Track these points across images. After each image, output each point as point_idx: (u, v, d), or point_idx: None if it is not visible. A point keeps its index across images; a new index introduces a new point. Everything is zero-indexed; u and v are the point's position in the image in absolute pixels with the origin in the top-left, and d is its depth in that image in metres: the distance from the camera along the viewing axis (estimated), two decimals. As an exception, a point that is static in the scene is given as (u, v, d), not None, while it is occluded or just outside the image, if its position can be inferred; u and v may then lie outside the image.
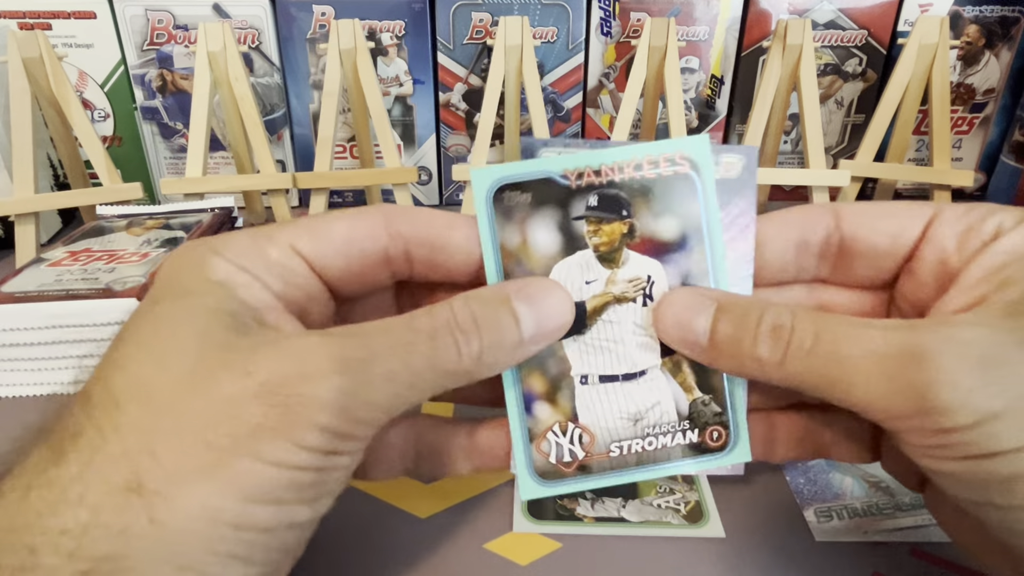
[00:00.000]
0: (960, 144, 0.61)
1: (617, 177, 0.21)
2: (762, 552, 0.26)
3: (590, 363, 0.22)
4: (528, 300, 0.20)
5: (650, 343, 0.22)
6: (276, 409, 0.17)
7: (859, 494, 0.29)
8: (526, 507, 0.28)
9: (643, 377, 0.22)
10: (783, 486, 0.29)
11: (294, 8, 0.55)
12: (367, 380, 0.18)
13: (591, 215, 0.21)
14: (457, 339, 0.19)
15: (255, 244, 0.20)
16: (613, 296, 0.22)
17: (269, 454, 0.17)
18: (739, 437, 0.23)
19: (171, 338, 0.18)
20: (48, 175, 0.54)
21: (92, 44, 0.55)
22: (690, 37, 0.57)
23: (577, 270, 0.22)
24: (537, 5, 0.55)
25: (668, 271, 0.22)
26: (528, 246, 0.21)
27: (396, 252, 0.21)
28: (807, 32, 0.50)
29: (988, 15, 0.56)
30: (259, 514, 0.17)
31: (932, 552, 0.26)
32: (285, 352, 0.18)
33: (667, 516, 0.28)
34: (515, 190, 0.21)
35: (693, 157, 0.21)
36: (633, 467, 0.23)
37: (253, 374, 0.17)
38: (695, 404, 0.22)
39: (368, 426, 0.18)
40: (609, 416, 0.22)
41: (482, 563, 0.26)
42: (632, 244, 0.22)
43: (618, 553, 0.26)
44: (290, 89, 0.58)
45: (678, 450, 0.23)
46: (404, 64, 0.57)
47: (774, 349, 0.19)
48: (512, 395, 0.22)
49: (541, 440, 0.22)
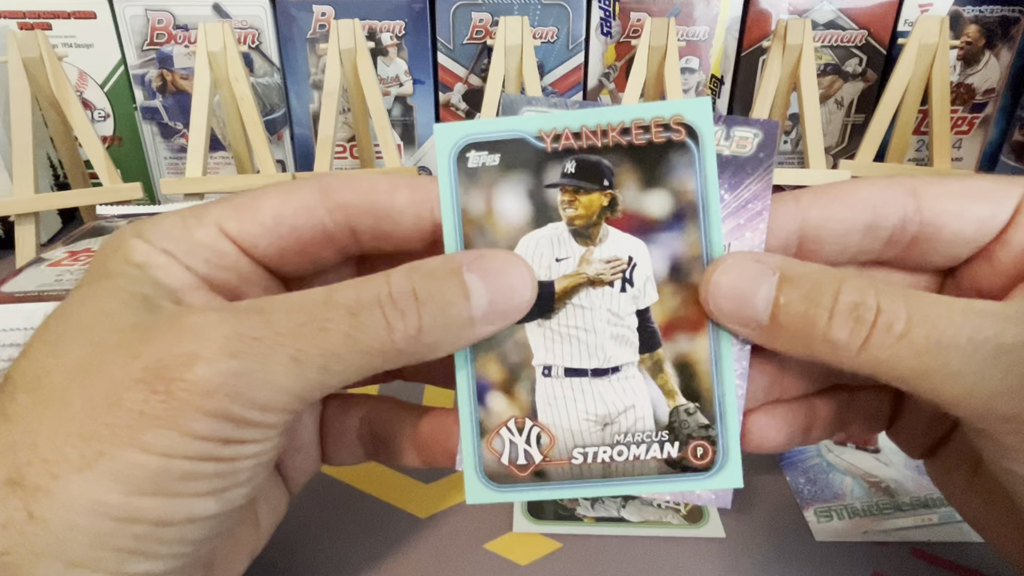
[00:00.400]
0: (960, 144, 0.61)
1: (600, 142, 0.19)
2: (762, 552, 0.26)
3: (555, 353, 0.19)
4: (483, 273, 0.18)
5: (627, 335, 0.19)
6: (159, 395, 0.15)
7: (859, 494, 0.29)
8: (526, 507, 0.28)
9: (616, 374, 0.19)
10: (783, 486, 0.29)
11: (294, 8, 0.55)
12: (267, 362, 0.16)
13: (567, 183, 0.19)
14: (387, 315, 0.17)
15: (182, 225, 0.19)
16: (587, 277, 0.19)
17: (154, 444, 0.15)
18: (729, 457, 0.19)
19: (74, 323, 0.17)
20: (48, 175, 0.54)
21: (92, 44, 0.55)
22: (690, 37, 0.57)
23: (547, 245, 0.19)
24: (537, 5, 0.55)
25: (653, 253, 0.19)
26: (494, 214, 0.19)
27: (337, 226, 0.20)
28: (807, 32, 0.50)
29: (988, 15, 0.56)
30: (150, 507, 0.16)
31: (932, 552, 0.26)
32: (177, 331, 0.16)
33: (667, 516, 0.28)
34: (483, 150, 0.19)
35: (692, 123, 0.19)
36: (598, 479, 0.19)
37: (140, 357, 0.16)
38: (677, 412, 0.19)
39: (276, 413, 0.17)
40: (574, 416, 0.20)
41: (482, 563, 0.26)
42: (613, 220, 0.19)
43: (618, 553, 0.26)
44: (290, 89, 0.58)
45: (653, 465, 0.19)
46: (404, 64, 0.57)
47: (855, 332, 0.17)
48: (464, 382, 0.19)
49: (493, 436, 0.19)
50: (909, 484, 0.29)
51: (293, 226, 0.19)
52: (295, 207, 0.19)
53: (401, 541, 0.27)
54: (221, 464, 0.16)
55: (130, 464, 0.15)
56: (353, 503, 0.28)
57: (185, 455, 0.16)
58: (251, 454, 0.17)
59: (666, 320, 0.19)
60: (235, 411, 0.16)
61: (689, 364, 0.19)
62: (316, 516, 0.28)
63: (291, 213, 0.19)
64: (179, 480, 0.16)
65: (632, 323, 0.19)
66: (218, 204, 0.19)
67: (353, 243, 0.20)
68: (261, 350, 0.16)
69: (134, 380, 0.16)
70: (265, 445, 0.17)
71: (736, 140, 0.19)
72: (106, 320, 0.17)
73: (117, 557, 0.16)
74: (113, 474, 0.15)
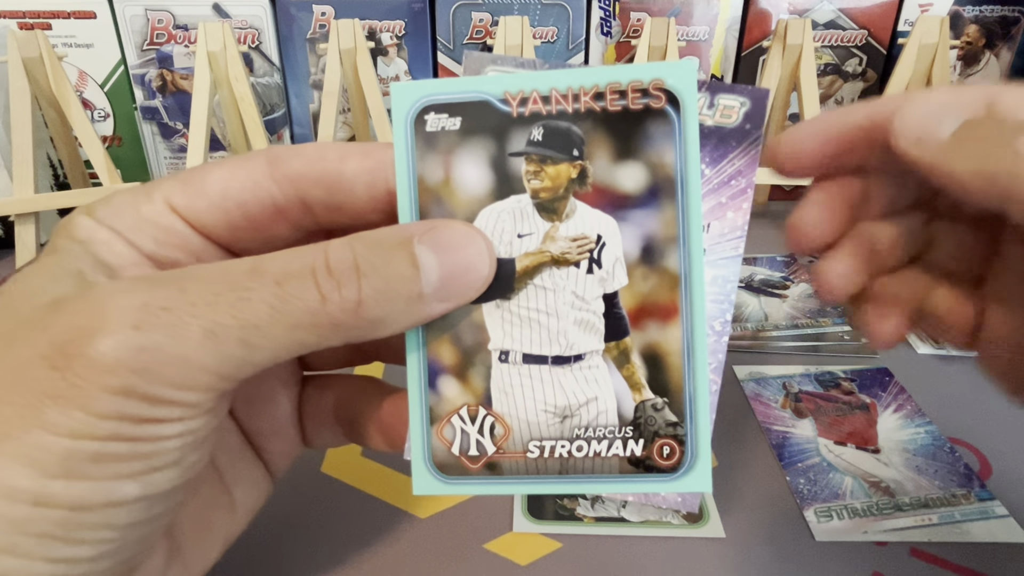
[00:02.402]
0: (960, 144, 0.61)
1: (571, 107, 0.17)
2: (762, 552, 0.26)
3: (513, 337, 0.18)
4: (435, 245, 0.16)
5: (592, 321, 0.18)
6: (60, 372, 0.15)
7: (859, 494, 0.29)
8: (526, 507, 0.28)
9: (579, 363, 0.18)
10: (783, 486, 0.29)
11: (294, 8, 0.55)
12: (176, 334, 0.15)
13: (533, 151, 0.17)
14: (321, 285, 0.16)
15: (131, 201, 0.18)
16: (551, 256, 0.18)
17: (58, 424, 0.14)
18: (698, 458, 0.18)
19: (6, 301, 0.17)
20: (48, 175, 0.54)
21: (92, 44, 0.55)
22: (690, 37, 0.57)
23: (509, 219, 0.18)
24: (537, 5, 0.55)
25: (625, 232, 0.18)
26: (452, 183, 0.18)
27: (287, 199, 0.18)
28: (807, 32, 0.50)
29: (988, 15, 0.56)
30: (64, 491, 0.15)
31: (932, 552, 0.26)
32: (84, 304, 0.15)
33: (667, 516, 0.28)
34: (442, 112, 0.17)
35: (674, 88, 0.17)
36: (554, 475, 0.18)
37: (47, 331, 0.15)
38: (643, 407, 0.18)
39: (193, 391, 0.16)
40: (531, 407, 0.18)
41: (482, 563, 0.26)
42: (582, 194, 0.18)
43: (618, 553, 0.26)
44: (290, 89, 0.58)
45: (615, 463, 0.18)
46: (404, 64, 0.57)
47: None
48: (414, 365, 0.18)
49: (444, 424, 0.18)
50: (909, 484, 0.29)
51: (240, 200, 0.18)
52: (242, 180, 0.18)
53: (401, 541, 0.27)
54: (137, 445, 0.15)
55: (36, 446, 0.14)
56: (353, 503, 0.28)
57: (93, 435, 0.15)
58: (172, 434, 0.16)
59: (636, 306, 0.18)
60: (142, 388, 0.15)
61: (659, 355, 0.18)
62: (316, 516, 0.28)
63: (238, 187, 0.18)
64: (90, 462, 0.15)
65: (598, 308, 0.18)
66: (168, 179, 0.19)
67: (307, 217, 0.19)
68: (170, 321, 0.15)
69: (38, 356, 0.15)
70: (189, 424, 0.16)
71: (720, 109, 0.18)
72: (31, 297, 0.16)
73: (37, 542, 0.15)
74: (20, 457, 0.14)
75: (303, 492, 0.29)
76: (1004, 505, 0.28)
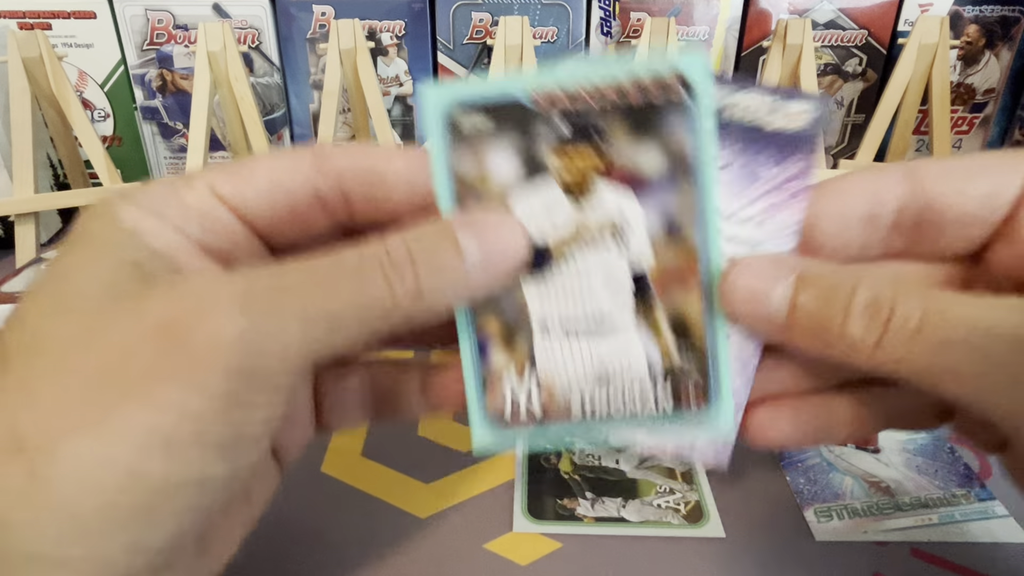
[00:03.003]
0: (960, 144, 0.61)
1: (594, 101, 0.19)
2: (762, 552, 0.26)
3: (552, 311, 0.20)
4: (474, 231, 0.18)
5: (623, 295, 0.20)
6: (171, 350, 0.15)
7: (859, 494, 0.29)
8: (526, 507, 0.28)
9: (612, 332, 0.20)
10: (783, 486, 0.29)
11: (294, 8, 0.55)
12: (277, 318, 0.16)
13: (561, 144, 0.19)
14: (388, 274, 0.17)
15: (172, 190, 0.19)
16: (582, 237, 0.20)
17: (165, 400, 0.15)
18: (721, 404, 0.20)
19: (70, 291, 0.17)
20: (48, 175, 0.54)
21: (92, 44, 0.55)
22: (690, 37, 0.57)
23: (541, 205, 0.20)
24: (537, 5, 0.55)
25: (648, 214, 0.19)
26: (487, 177, 0.19)
27: (330, 191, 0.20)
28: (807, 32, 0.50)
29: (988, 15, 0.56)
30: (158, 467, 0.15)
31: (932, 552, 0.26)
32: (183, 291, 0.16)
33: (667, 516, 0.28)
34: (474, 112, 0.19)
35: (690, 80, 0.19)
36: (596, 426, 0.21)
37: (146, 315, 0.16)
38: (672, 368, 0.20)
39: (284, 375, 0.17)
40: (571, 372, 0.20)
41: (482, 563, 0.26)
42: (607, 180, 0.19)
43: (618, 553, 0.26)
44: (290, 89, 0.58)
45: (650, 413, 0.20)
46: (404, 64, 0.57)
47: (870, 329, 0.17)
48: (465, 339, 0.20)
49: (495, 389, 0.20)
50: (909, 484, 0.29)
51: (288, 190, 0.19)
52: (289, 170, 0.19)
53: (401, 541, 0.27)
54: (229, 427, 0.16)
55: (139, 421, 0.15)
56: (353, 503, 0.28)
57: (195, 413, 0.15)
58: (259, 420, 0.17)
59: (660, 279, 0.20)
60: (249, 366, 0.16)
61: (683, 321, 0.20)
62: (316, 516, 0.28)
63: (286, 177, 0.19)
64: (188, 440, 0.15)
65: (627, 282, 0.20)
66: (210, 169, 0.19)
67: (345, 211, 0.20)
68: (271, 307, 0.16)
69: (143, 338, 0.15)
70: (274, 410, 0.17)
71: (787, 115, 0.19)
72: (103, 289, 0.16)
73: (123, 518, 0.15)
74: (121, 431, 0.15)
75: (303, 492, 0.29)
76: (1004, 505, 0.28)
